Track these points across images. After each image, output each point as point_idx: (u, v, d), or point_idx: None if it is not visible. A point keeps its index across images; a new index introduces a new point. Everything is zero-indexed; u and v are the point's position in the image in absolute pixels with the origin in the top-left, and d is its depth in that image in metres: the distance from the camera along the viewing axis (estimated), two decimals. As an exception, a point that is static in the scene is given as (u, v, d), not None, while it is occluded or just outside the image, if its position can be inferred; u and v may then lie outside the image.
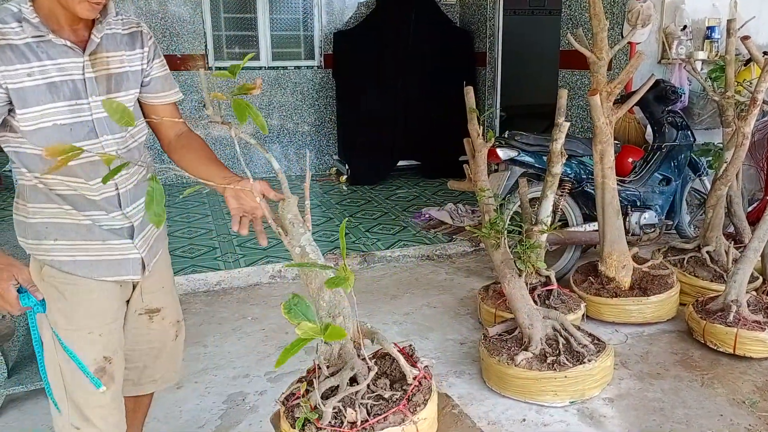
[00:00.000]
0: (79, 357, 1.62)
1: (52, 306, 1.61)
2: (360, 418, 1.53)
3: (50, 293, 1.60)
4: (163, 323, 1.85)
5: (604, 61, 3.19)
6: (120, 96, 1.62)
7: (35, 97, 1.47)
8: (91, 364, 1.64)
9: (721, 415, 2.56)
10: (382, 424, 1.52)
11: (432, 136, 6.66)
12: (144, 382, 1.89)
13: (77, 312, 1.62)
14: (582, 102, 5.37)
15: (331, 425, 1.54)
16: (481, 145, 2.96)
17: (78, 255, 1.60)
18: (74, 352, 1.61)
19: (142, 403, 1.99)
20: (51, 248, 1.59)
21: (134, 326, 1.80)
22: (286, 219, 1.56)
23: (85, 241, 1.61)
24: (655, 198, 4.16)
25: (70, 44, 1.50)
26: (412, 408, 1.55)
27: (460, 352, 3.16)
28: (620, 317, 3.34)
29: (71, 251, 1.60)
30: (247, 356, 3.13)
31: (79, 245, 1.60)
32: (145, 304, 1.80)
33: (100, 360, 1.65)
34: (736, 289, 3.07)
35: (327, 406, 1.53)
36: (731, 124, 3.63)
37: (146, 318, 1.81)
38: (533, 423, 2.54)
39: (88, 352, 1.63)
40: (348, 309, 1.59)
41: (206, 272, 4.06)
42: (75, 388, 1.64)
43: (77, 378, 1.63)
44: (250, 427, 2.55)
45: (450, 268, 4.39)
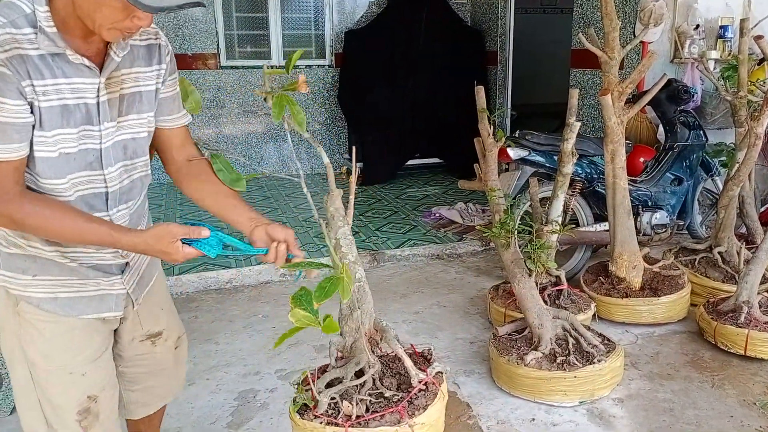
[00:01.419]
0: (61, 400, 1.51)
1: (30, 344, 1.47)
2: (356, 412, 1.54)
3: (27, 329, 1.46)
4: (167, 344, 1.78)
5: (616, 61, 3.19)
6: (130, 119, 1.45)
7: (49, 120, 1.31)
8: (74, 405, 1.52)
9: (732, 417, 2.56)
10: (377, 422, 1.52)
11: (442, 136, 6.66)
12: (152, 401, 1.82)
13: (57, 351, 1.48)
14: (593, 101, 5.35)
15: (327, 414, 1.56)
16: (491, 144, 2.96)
17: (59, 291, 1.46)
18: (54, 395, 1.50)
19: (154, 416, 1.89)
20: (28, 284, 1.44)
21: (136, 353, 1.71)
22: (329, 211, 1.60)
23: (68, 277, 1.47)
24: (667, 198, 4.15)
25: (88, 63, 1.33)
26: (411, 411, 1.55)
27: (469, 351, 3.16)
28: (631, 317, 3.33)
29: (52, 287, 1.45)
30: (258, 354, 3.15)
31: (61, 281, 1.46)
32: (146, 330, 1.70)
33: (83, 401, 1.53)
34: (748, 290, 3.05)
35: (323, 396, 1.56)
36: (744, 124, 3.61)
37: (149, 343, 1.72)
38: (542, 422, 2.54)
39: (70, 393, 1.52)
40: (369, 305, 1.61)
41: (217, 270, 4.09)
42: (58, 426, 1.53)
43: (59, 416, 1.52)
44: (261, 424, 2.57)
45: (460, 267, 4.40)
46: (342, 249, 1.59)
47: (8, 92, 1.23)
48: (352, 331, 1.63)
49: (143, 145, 1.52)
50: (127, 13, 1.25)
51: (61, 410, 1.51)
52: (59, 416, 1.52)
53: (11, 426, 2.57)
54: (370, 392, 1.60)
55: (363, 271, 1.67)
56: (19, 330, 1.46)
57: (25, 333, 1.46)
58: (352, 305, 1.61)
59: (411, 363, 1.63)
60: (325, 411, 1.57)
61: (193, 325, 3.42)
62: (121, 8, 1.24)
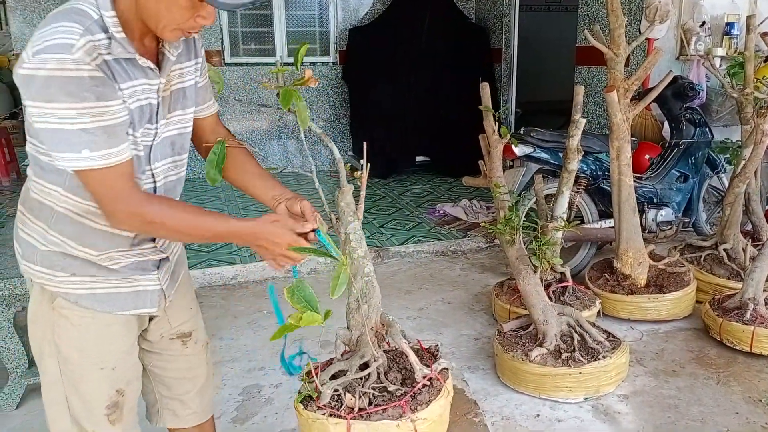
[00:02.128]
0: (92, 393, 1.51)
1: (64, 338, 1.47)
2: (358, 405, 1.54)
3: (61, 324, 1.46)
4: (197, 347, 1.76)
5: (622, 58, 3.18)
6: (176, 115, 1.47)
7: (134, 121, 1.34)
8: (104, 399, 1.53)
9: (737, 413, 2.55)
10: (379, 416, 1.52)
11: (447, 133, 6.65)
12: (185, 415, 1.78)
13: (92, 346, 1.49)
14: (599, 98, 5.34)
15: (330, 406, 1.56)
16: (496, 141, 2.96)
17: (97, 288, 1.46)
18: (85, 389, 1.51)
19: (206, 429, 1.86)
20: (66, 280, 1.44)
21: (168, 352, 1.70)
22: (340, 206, 1.62)
23: (106, 275, 1.47)
24: (672, 195, 4.14)
25: (152, 65, 1.36)
26: (414, 406, 1.55)
27: (474, 347, 3.17)
28: (636, 314, 3.33)
29: (90, 284, 1.45)
30: (263, 349, 3.16)
31: (99, 278, 1.46)
32: (175, 328, 1.69)
33: (113, 395, 1.54)
34: (754, 287, 3.04)
35: (326, 387, 1.56)
36: (750, 121, 3.59)
37: (179, 343, 1.71)
38: (547, 418, 2.54)
39: (101, 388, 1.53)
40: (376, 299, 1.62)
41: (222, 266, 4.10)
42: (86, 422, 1.53)
43: (88, 410, 1.52)
44: (266, 419, 2.57)
45: (464, 263, 4.40)
46: (352, 244, 1.61)
47: (110, 95, 1.27)
48: (358, 325, 1.64)
49: (188, 140, 1.55)
50: (192, 12, 1.28)
51: (90, 405, 1.52)
52: (88, 410, 1.52)
53: (17, 420, 2.58)
54: (374, 386, 1.60)
55: (372, 266, 1.68)
56: (53, 325, 1.46)
57: (59, 328, 1.46)
58: (359, 299, 1.62)
59: (415, 358, 1.62)
60: (328, 402, 1.57)
61: (198, 321, 3.43)
62: (189, 7, 1.27)
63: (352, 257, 1.65)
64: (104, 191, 1.30)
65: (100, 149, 1.26)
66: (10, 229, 3.09)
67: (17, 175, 6.85)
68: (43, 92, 1.21)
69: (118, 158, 1.29)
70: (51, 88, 1.20)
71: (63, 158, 1.26)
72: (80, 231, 1.41)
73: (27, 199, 1.46)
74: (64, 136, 1.23)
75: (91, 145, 1.25)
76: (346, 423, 1.52)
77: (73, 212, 1.40)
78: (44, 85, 1.20)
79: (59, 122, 1.22)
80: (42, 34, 1.22)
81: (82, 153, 1.25)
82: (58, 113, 1.22)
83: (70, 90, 1.21)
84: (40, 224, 1.43)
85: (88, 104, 1.23)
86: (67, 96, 1.21)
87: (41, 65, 1.19)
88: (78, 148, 1.24)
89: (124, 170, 1.31)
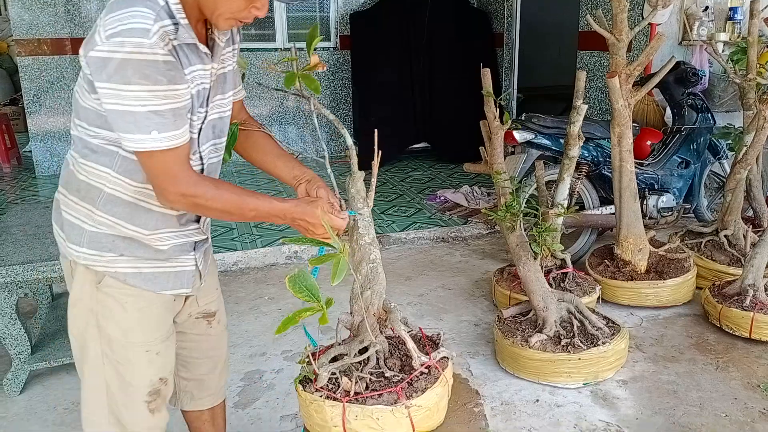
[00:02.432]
0: (134, 377, 1.52)
1: (109, 319, 1.49)
2: (354, 389, 1.55)
3: (107, 304, 1.48)
4: (219, 327, 1.80)
5: (624, 43, 3.16)
6: (217, 100, 1.51)
7: (194, 105, 1.40)
8: (147, 385, 1.54)
9: (736, 399, 2.57)
10: (374, 401, 1.54)
11: (448, 118, 6.63)
12: (201, 396, 1.82)
13: (138, 326, 1.51)
14: (601, 84, 5.31)
15: (327, 388, 1.58)
16: (497, 127, 2.95)
17: (143, 267, 1.49)
18: (128, 372, 1.52)
19: (217, 414, 1.90)
20: (114, 260, 1.47)
21: (194, 332, 1.73)
22: (350, 192, 1.64)
23: (152, 255, 1.50)
24: (674, 181, 4.13)
25: (207, 51, 1.41)
26: (410, 393, 1.55)
27: (474, 333, 3.18)
28: (636, 300, 3.33)
29: (136, 262, 1.48)
30: (264, 335, 3.18)
31: (145, 258, 1.49)
32: (202, 308, 1.73)
33: (156, 381, 1.55)
34: (754, 273, 3.05)
35: (323, 370, 1.58)
36: (752, 107, 3.58)
37: (205, 323, 1.75)
38: (546, 404, 2.56)
39: (144, 372, 1.54)
40: (380, 286, 1.64)
41: (223, 252, 4.11)
42: (123, 408, 1.53)
43: (129, 396, 1.53)
44: (267, 404, 2.59)
45: (465, 250, 4.40)
46: (359, 230, 1.62)
47: (179, 79, 1.32)
48: (360, 311, 1.66)
49: (227, 124, 1.59)
50: (248, 3, 1.34)
51: (132, 389, 1.53)
52: (128, 396, 1.53)
53: (21, 406, 2.61)
54: (371, 371, 1.62)
55: (378, 253, 1.69)
56: (98, 306, 1.48)
57: (104, 308, 1.49)
58: (365, 285, 1.64)
59: (413, 345, 1.63)
60: (326, 385, 1.59)
61: (200, 307, 3.44)
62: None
63: (358, 243, 1.67)
64: (162, 172, 1.35)
65: (168, 130, 1.31)
66: (11, 216, 3.11)
67: (18, 161, 6.85)
68: (119, 74, 1.24)
69: (181, 140, 1.34)
70: (127, 70, 1.24)
71: (131, 139, 1.30)
72: (131, 211, 1.45)
73: (71, 182, 1.47)
74: (135, 118, 1.28)
75: (160, 127, 1.29)
76: (342, 406, 1.53)
77: (124, 193, 1.43)
78: (120, 67, 1.24)
79: (132, 104, 1.26)
80: (116, 18, 1.25)
81: (151, 134, 1.29)
82: (132, 95, 1.26)
83: (146, 73, 1.25)
84: (86, 205, 1.45)
85: (160, 87, 1.28)
86: (142, 78, 1.25)
87: (118, 48, 1.23)
88: (148, 129, 1.28)
89: (183, 152, 1.36)
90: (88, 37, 1.30)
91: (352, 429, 1.54)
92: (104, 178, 1.42)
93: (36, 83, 6.08)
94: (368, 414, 1.51)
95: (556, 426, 2.41)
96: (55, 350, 2.74)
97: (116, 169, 1.41)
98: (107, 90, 1.26)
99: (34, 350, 2.74)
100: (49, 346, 2.79)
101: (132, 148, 1.32)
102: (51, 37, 6.05)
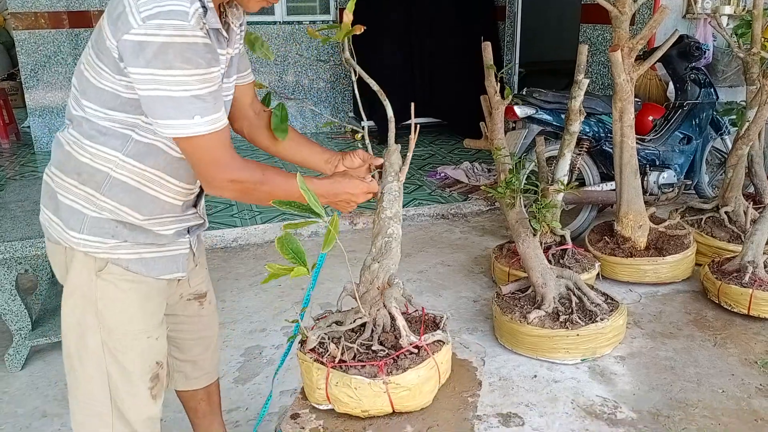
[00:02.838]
0: (135, 364, 1.49)
1: (110, 307, 1.45)
2: (339, 356, 1.58)
3: (108, 292, 1.44)
4: (210, 307, 1.80)
5: (627, 16, 3.11)
6: (225, 83, 1.47)
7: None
8: (147, 371, 1.52)
9: (733, 375, 2.58)
10: (357, 371, 1.56)
11: (449, 93, 6.57)
12: (196, 376, 1.82)
13: (139, 313, 1.48)
14: (603, 58, 5.25)
15: (317, 352, 1.61)
16: (498, 102, 2.93)
17: (144, 252, 1.46)
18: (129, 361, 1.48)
19: (212, 392, 1.91)
20: (117, 246, 1.42)
21: (185, 313, 1.71)
22: (384, 165, 1.69)
23: (153, 240, 1.47)
24: (675, 157, 4.10)
25: (226, 35, 1.39)
26: (391, 369, 1.57)
27: (473, 309, 3.19)
28: (635, 277, 3.34)
29: (138, 249, 1.45)
30: (264, 311, 3.19)
31: (147, 243, 1.46)
32: (193, 289, 1.72)
33: (154, 366, 1.53)
34: (753, 250, 3.04)
35: (312, 334, 1.62)
36: (756, 81, 3.54)
37: (197, 304, 1.74)
38: (544, 379, 2.58)
39: (145, 358, 1.51)
40: (390, 261, 1.66)
41: (223, 229, 4.11)
42: (126, 395, 1.50)
43: (132, 384, 1.50)
44: (267, 379, 2.61)
45: (465, 226, 4.40)
46: (383, 203, 1.64)
47: (215, 62, 1.29)
48: (366, 282, 1.67)
49: (228, 109, 1.54)
50: None
51: (134, 377, 1.49)
52: (131, 384, 1.49)
53: (23, 381, 2.63)
54: (363, 342, 1.63)
55: (397, 229, 1.71)
56: (97, 294, 1.43)
57: (105, 297, 1.44)
58: (376, 258, 1.66)
59: (404, 323, 1.63)
60: (316, 348, 1.63)
61: (200, 283, 3.45)
62: None
63: (379, 216, 1.70)
64: (210, 160, 1.32)
65: (210, 114, 1.28)
66: (10, 192, 3.10)
67: (17, 137, 6.82)
68: (159, 59, 1.20)
69: (222, 122, 1.32)
70: (168, 54, 1.20)
71: (173, 125, 1.26)
72: (137, 197, 1.41)
73: (68, 163, 1.40)
74: (178, 103, 1.24)
75: (202, 111, 1.26)
76: (327, 370, 1.57)
77: (131, 178, 1.39)
78: (161, 51, 1.20)
79: (173, 89, 1.23)
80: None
81: (194, 119, 1.26)
82: (174, 80, 1.22)
83: (187, 56, 1.21)
84: (87, 189, 1.39)
85: (201, 71, 1.24)
86: (184, 62, 1.21)
87: (157, 31, 1.19)
88: (191, 114, 1.25)
89: (225, 135, 1.34)
90: (115, 18, 1.24)
91: (333, 394, 1.59)
92: (112, 161, 1.37)
93: (33, 57, 6.03)
94: (347, 383, 1.55)
95: (554, 401, 2.43)
96: (56, 326, 2.75)
97: (127, 152, 1.36)
98: (145, 75, 1.22)
99: (35, 326, 2.75)
100: (50, 321, 2.81)
101: (173, 134, 1.28)
102: (48, 10, 5.98)
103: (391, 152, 1.72)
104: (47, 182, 1.46)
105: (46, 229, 1.48)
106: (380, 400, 1.56)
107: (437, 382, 1.65)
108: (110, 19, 1.26)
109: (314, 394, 1.64)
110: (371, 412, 1.58)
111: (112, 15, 1.26)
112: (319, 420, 1.62)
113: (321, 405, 1.64)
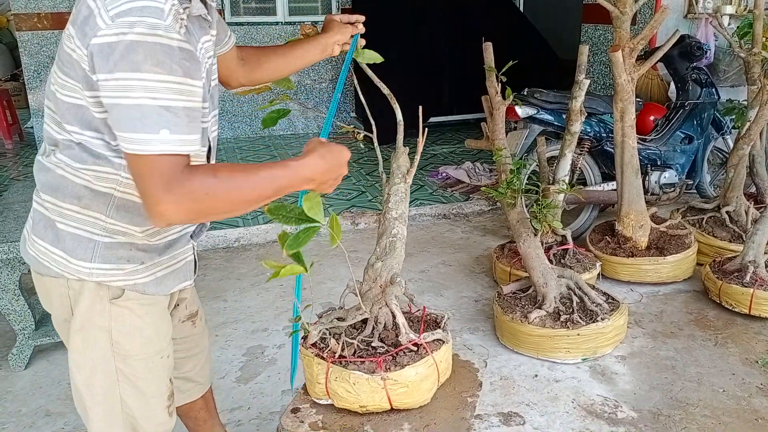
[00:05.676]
0: (152, 386, 1.42)
1: (126, 334, 1.35)
2: (339, 352, 1.60)
3: (124, 319, 1.34)
4: (201, 324, 1.72)
5: (628, 16, 3.12)
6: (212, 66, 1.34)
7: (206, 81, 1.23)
8: (165, 391, 1.45)
9: (733, 374, 2.59)
10: (355, 366, 1.59)
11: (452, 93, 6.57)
12: (188, 389, 1.77)
13: (153, 333, 1.40)
14: (604, 58, 5.25)
15: (318, 347, 1.64)
16: (499, 102, 2.93)
17: (158, 271, 1.37)
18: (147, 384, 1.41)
19: (208, 398, 1.87)
20: (135, 271, 1.32)
21: (180, 335, 1.63)
22: (392, 167, 1.68)
23: (165, 256, 1.38)
24: (676, 157, 4.11)
25: (209, 18, 1.25)
26: (389, 366, 1.59)
27: (474, 309, 3.20)
28: (636, 277, 3.34)
29: (153, 269, 1.35)
30: (266, 311, 3.20)
31: (160, 261, 1.37)
32: (188, 310, 1.64)
33: (169, 385, 1.47)
34: (755, 250, 3.05)
35: (313, 329, 1.64)
36: (757, 81, 3.54)
37: (190, 324, 1.66)
38: (545, 379, 2.58)
39: (161, 378, 1.44)
40: (393, 260, 1.69)
41: (225, 229, 4.12)
42: (143, 420, 1.43)
43: (149, 407, 1.43)
44: (269, 379, 2.62)
45: (466, 226, 4.41)
46: (389, 204, 1.66)
47: (195, 73, 1.12)
48: (369, 280, 1.69)
49: (218, 90, 1.44)
50: None
51: (153, 399, 1.44)
52: (149, 407, 1.43)
53: (27, 380, 2.64)
54: (363, 339, 1.65)
55: (402, 229, 1.73)
56: (111, 323, 1.33)
57: (120, 324, 1.34)
58: (379, 256, 1.69)
59: (404, 321, 1.65)
60: (318, 343, 1.65)
61: (202, 284, 3.46)
62: None
63: (385, 217, 1.72)
64: (155, 179, 1.08)
65: (180, 133, 1.08)
66: (14, 192, 3.11)
67: (20, 137, 6.84)
68: (126, 60, 1.04)
69: (190, 148, 1.10)
70: (137, 54, 1.04)
71: (133, 139, 1.06)
72: (141, 214, 1.26)
73: (64, 188, 1.25)
74: (143, 113, 1.05)
75: (172, 126, 1.07)
76: (327, 365, 1.60)
77: (137, 195, 1.17)
78: (128, 51, 1.04)
79: (140, 96, 1.05)
80: None
81: (160, 133, 1.06)
82: (141, 85, 1.05)
83: (159, 59, 1.05)
84: (92, 214, 1.26)
85: (175, 78, 1.07)
86: (155, 65, 1.05)
87: (127, 29, 1.04)
88: (157, 128, 1.06)
89: (184, 162, 1.11)
90: (81, 22, 1.09)
91: (332, 389, 1.62)
92: (113, 180, 1.23)
93: (36, 58, 6.05)
94: (346, 378, 1.58)
95: (554, 401, 2.44)
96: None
97: (127, 170, 1.17)
98: (111, 81, 1.05)
99: (38, 326, 2.77)
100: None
101: (132, 150, 1.07)
102: (50, 11, 6.00)
103: (399, 154, 1.73)
104: (39, 211, 1.31)
105: (38, 262, 1.33)
106: (378, 396, 1.58)
107: (436, 380, 1.66)
108: (76, 26, 1.11)
109: (315, 389, 1.67)
110: (369, 408, 1.60)
111: (77, 20, 1.11)
112: (319, 414, 1.65)
113: (321, 400, 1.67)
